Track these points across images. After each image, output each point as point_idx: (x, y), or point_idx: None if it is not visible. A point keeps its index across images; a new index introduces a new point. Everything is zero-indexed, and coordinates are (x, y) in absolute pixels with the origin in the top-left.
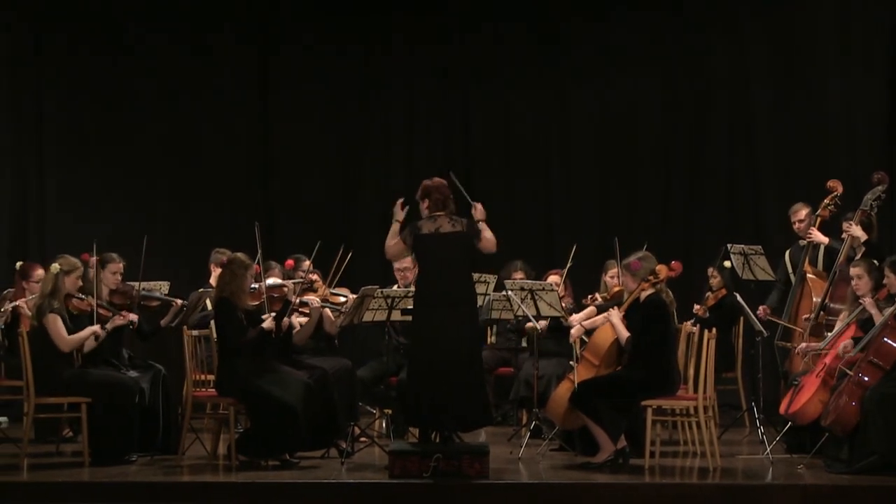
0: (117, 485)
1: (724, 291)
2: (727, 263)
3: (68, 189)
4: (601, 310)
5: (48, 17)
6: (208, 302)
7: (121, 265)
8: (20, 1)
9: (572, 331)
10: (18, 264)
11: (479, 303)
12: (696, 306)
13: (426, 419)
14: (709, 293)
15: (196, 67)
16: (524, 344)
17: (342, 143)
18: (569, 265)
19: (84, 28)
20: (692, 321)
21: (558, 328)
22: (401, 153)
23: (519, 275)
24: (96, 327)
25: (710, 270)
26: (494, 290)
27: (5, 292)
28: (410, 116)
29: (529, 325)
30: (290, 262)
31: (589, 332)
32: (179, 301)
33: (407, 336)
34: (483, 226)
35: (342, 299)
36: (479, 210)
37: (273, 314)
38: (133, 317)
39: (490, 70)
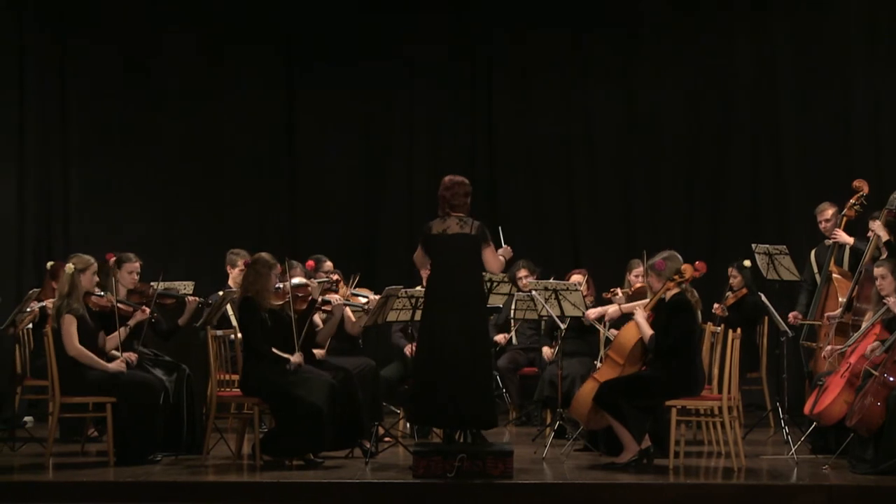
0: (142, 484)
1: (745, 291)
2: (747, 263)
3: (93, 189)
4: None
5: (74, 18)
6: (229, 307)
7: (137, 265)
8: (45, 6)
9: (610, 310)
10: (49, 264)
11: (501, 303)
12: (716, 305)
13: (432, 418)
14: (729, 293)
15: (221, 68)
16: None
17: (367, 145)
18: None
19: (109, 29)
20: (716, 322)
21: (581, 328)
22: (425, 155)
23: (523, 272)
24: (121, 365)
25: (731, 270)
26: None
27: (31, 292)
28: (435, 118)
29: (547, 350)
30: (310, 262)
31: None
32: (195, 298)
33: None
34: (501, 257)
35: (363, 300)
36: (506, 250)
37: (302, 354)
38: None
39: (515, 72)
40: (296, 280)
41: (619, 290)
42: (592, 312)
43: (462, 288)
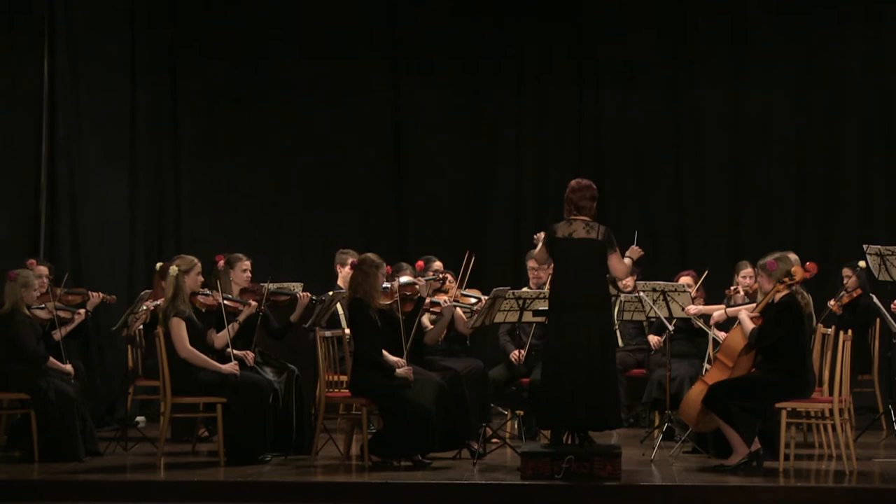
0: (251, 484)
1: (859, 291)
2: (862, 263)
3: (203, 191)
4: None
5: (183, 25)
6: (339, 306)
7: (248, 263)
8: (156, 9)
9: (715, 314)
10: (158, 265)
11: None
12: (831, 301)
13: (558, 420)
14: (843, 292)
15: (328, 72)
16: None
17: (474, 146)
18: (701, 280)
19: (218, 35)
20: (828, 322)
21: (690, 329)
22: (531, 156)
23: None
24: (234, 367)
25: (845, 270)
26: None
27: (143, 293)
28: (541, 119)
29: (654, 339)
30: (420, 262)
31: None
32: (307, 294)
33: (542, 337)
34: (628, 260)
35: (472, 300)
36: (634, 251)
37: (410, 369)
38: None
39: (622, 73)
40: (404, 279)
41: (740, 288)
42: (693, 308)
43: (587, 291)
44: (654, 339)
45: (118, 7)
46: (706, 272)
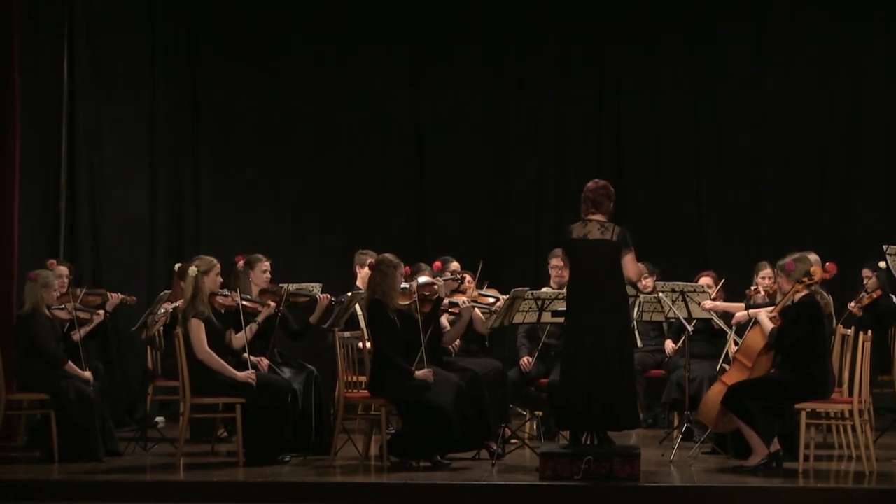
0: (270, 485)
1: (879, 292)
2: (882, 264)
3: (223, 190)
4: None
5: (203, 21)
6: (358, 307)
7: (268, 263)
8: (176, 8)
9: (738, 314)
10: (177, 266)
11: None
12: (852, 303)
13: (576, 420)
14: (864, 293)
15: (350, 70)
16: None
17: (494, 146)
18: (721, 284)
19: (238, 34)
20: (848, 323)
21: (709, 330)
22: (552, 156)
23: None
24: (250, 377)
25: (865, 271)
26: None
27: (162, 294)
28: (562, 118)
29: (670, 346)
30: (437, 263)
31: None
32: (327, 296)
33: (559, 338)
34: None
35: (491, 300)
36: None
37: (429, 369)
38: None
39: (642, 71)
40: (422, 279)
41: (760, 289)
42: (708, 303)
43: (603, 292)
44: (669, 346)
45: (138, 6)
46: (724, 279)
